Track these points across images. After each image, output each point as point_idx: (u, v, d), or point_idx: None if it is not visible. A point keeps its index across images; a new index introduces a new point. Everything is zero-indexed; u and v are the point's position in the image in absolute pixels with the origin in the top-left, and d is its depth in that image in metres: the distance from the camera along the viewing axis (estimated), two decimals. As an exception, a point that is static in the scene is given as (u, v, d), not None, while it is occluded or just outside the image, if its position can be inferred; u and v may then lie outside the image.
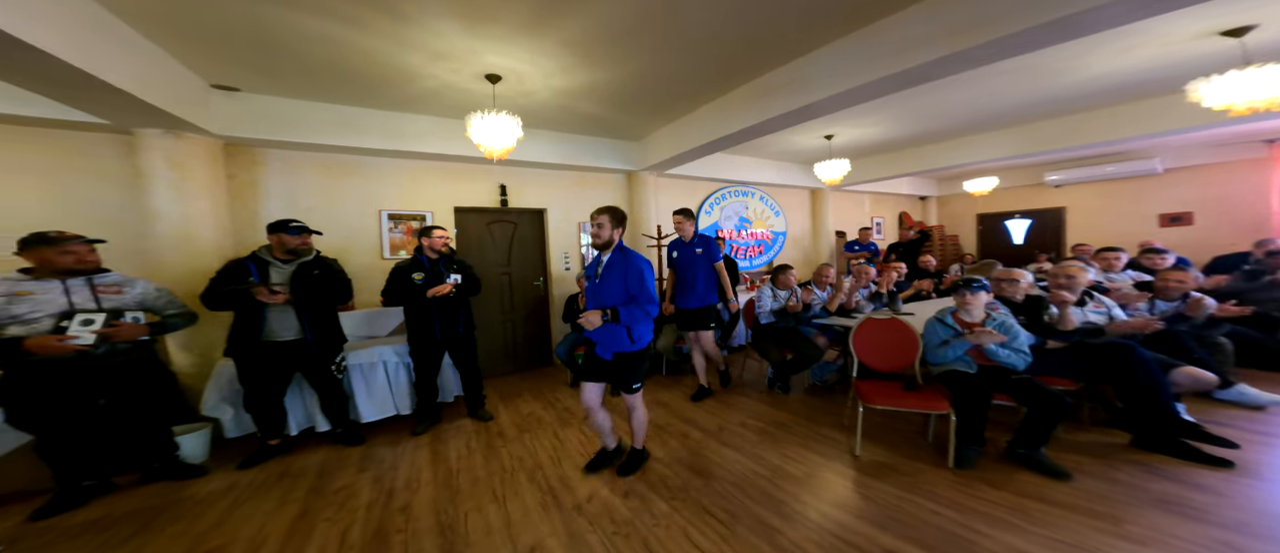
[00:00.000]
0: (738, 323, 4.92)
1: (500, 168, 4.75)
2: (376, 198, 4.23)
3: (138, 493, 2.51)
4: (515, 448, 3.00)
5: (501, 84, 3.38)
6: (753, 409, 3.53)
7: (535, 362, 5.15)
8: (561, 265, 5.25)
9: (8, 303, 2.19)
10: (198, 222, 3.26)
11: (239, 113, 3.41)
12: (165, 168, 3.13)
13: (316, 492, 2.48)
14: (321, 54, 2.86)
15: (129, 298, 2.47)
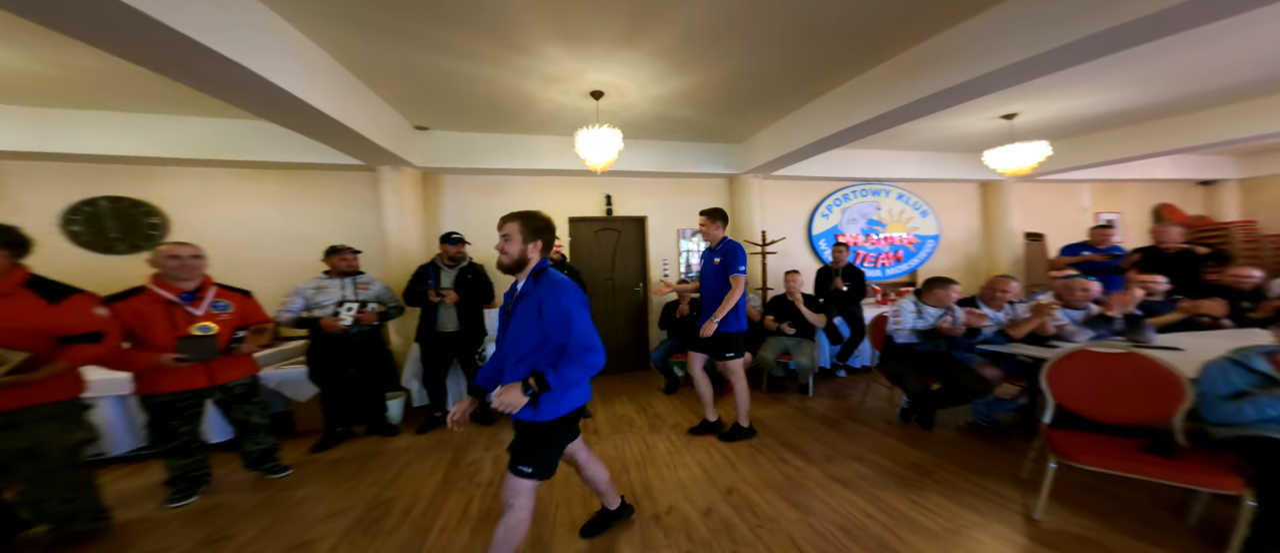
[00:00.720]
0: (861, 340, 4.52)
1: (606, 178, 5.00)
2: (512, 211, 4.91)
3: (361, 442, 3.32)
4: (605, 447, 3.08)
5: (604, 99, 3.55)
6: (875, 443, 2.99)
7: (633, 365, 5.29)
8: (660, 272, 5.32)
9: (315, 293, 3.10)
10: (409, 235, 4.24)
11: (430, 147, 4.28)
12: (392, 194, 4.14)
13: (455, 464, 2.93)
14: (475, 92, 3.39)
15: (371, 293, 3.27)
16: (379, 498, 2.51)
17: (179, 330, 2.35)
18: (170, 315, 2.35)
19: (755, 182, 5.29)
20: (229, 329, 2.50)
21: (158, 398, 2.36)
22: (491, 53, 2.83)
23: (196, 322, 2.40)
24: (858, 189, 5.90)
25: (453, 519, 2.30)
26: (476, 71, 3.07)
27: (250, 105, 2.60)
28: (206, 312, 2.45)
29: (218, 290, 2.56)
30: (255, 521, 2.31)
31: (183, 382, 2.37)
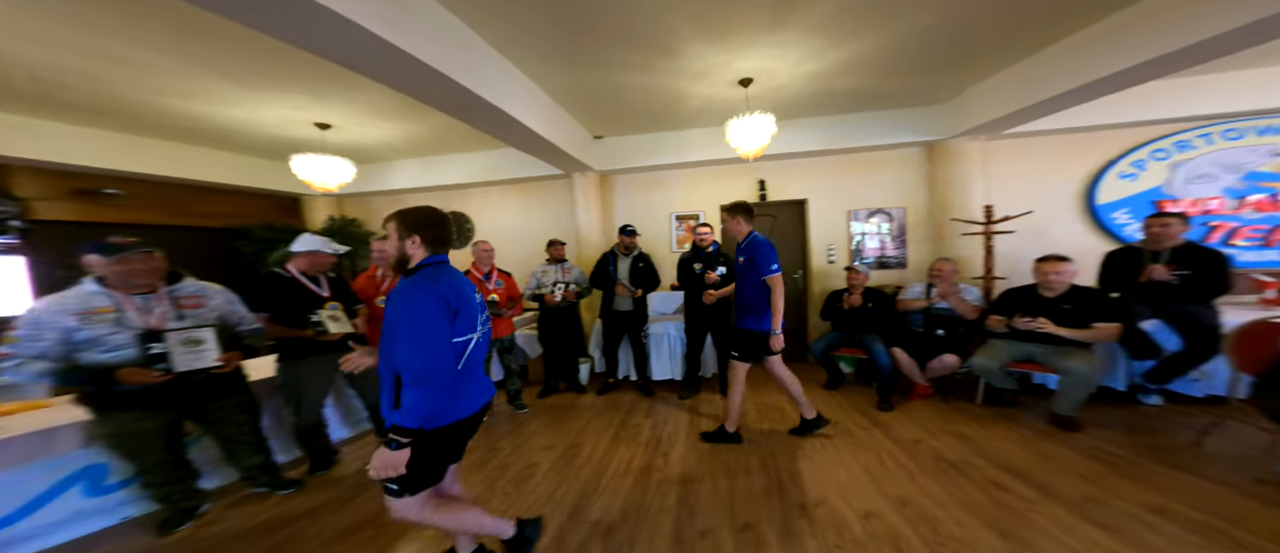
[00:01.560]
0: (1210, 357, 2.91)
1: (760, 164, 4.72)
2: (668, 203, 5.15)
3: (563, 396, 4.14)
4: (752, 433, 3.09)
5: (754, 85, 3.44)
6: (1209, 498, 2.08)
7: (788, 356, 4.89)
8: (824, 258, 4.86)
9: (542, 275, 3.97)
10: (593, 229, 5.00)
11: (605, 153, 4.89)
12: (581, 196, 4.95)
13: (623, 424, 3.39)
14: (634, 99, 3.74)
15: (572, 276, 4.02)
16: (574, 441, 3.12)
17: (486, 296, 3.34)
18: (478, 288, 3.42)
19: (974, 146, 4.30)
20: (503, 299, 3.48)
21: None
22: (645, 61, 3.07)
23: (489, 293, 3.40)
24: (1216, 129, 4.00)
25: (620, 468, 2.71)
26: (635, 80, 3.38)
27: (502, 135, 3.48)
28: (493, 286, 3.49)
29: (497, 272, 3.59)
30: (509, 441, 3.16)
31: None
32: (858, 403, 3.54)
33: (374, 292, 3.07)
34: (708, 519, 2.16)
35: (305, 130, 4.00)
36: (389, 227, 1.53)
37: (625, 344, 4.25)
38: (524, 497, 2.46)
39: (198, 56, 2.72)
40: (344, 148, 4.51)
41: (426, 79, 2.42)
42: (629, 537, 2.06)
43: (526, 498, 2.45)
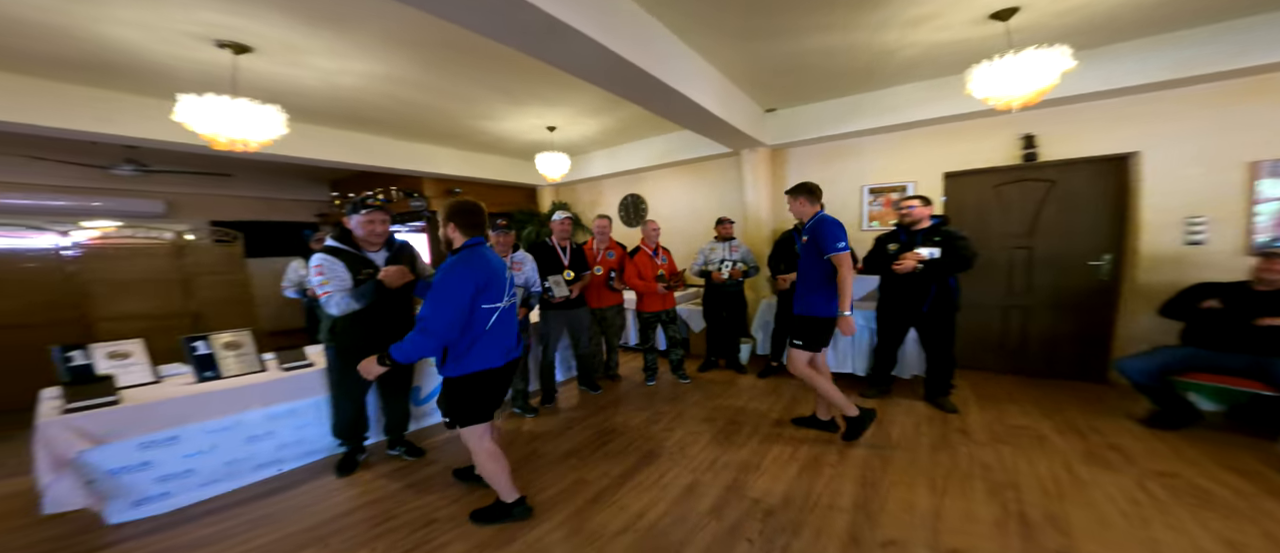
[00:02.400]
0: None
1: (1025, 115, 3.50)
2: (859, 174, 4.45)
3: (722, 372, 4.09)
4: (983, 454, 2.45)
5: (1020, 14, 2.62)
6: None
7: (1068, 371, 3.64)
8: (1179, 237, 3.23)
9: (709, 252, 3.91)
10: (762, 206, 4.75)
11: (777, 126, 4.55)
12: (749, 173, 4.72)
13: (788, 410, 3.13)
14: (821, 65, 3.35)
15: (740, 254, 3.91)
16: (733, 419, 3.04)
17: (655, 272, 3.58)
18: (652, 263, 3.62)
19: None
20: (667, 273, 3.69)
21: (645, 314, 3.71)
22: (842, 19, 2.68)
23: (659, 269, 3.60)
24: None
25: (783, 454, 2.52)
26: (824, 42, 2.99)
27: (680, 118, 3.58)
28: (657, 261, 3.68)
29: (662, 248, 3.78)
30: (670, 408, 3.26)
31: (656, 305, 3.63)
32: (1220, 457, 2.32)
33: (590, 261, 3.54)
34: (897, 531, 1.84)
35: (540, 133, 4.84)
36: (441, 217, 1.88)
37: None
38: (687, 460, 2.49)
39: (488, 82, 3.43)
40: (562, 145, 5.32)
41: (627, 76, 2.61)
42: (792, 523, 1.91)
43: (690, 462, 2.47)
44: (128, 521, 2.00)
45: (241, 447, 2.26)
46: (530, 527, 1.90)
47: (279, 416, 2.37)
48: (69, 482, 1.85)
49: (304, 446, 2.47)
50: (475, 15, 1.87)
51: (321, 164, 4.49)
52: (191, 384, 2.27)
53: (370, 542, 1.80)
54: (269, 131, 2.70)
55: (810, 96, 4.19)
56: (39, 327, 3.58)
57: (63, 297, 3.83)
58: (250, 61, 2.74)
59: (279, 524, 1.93)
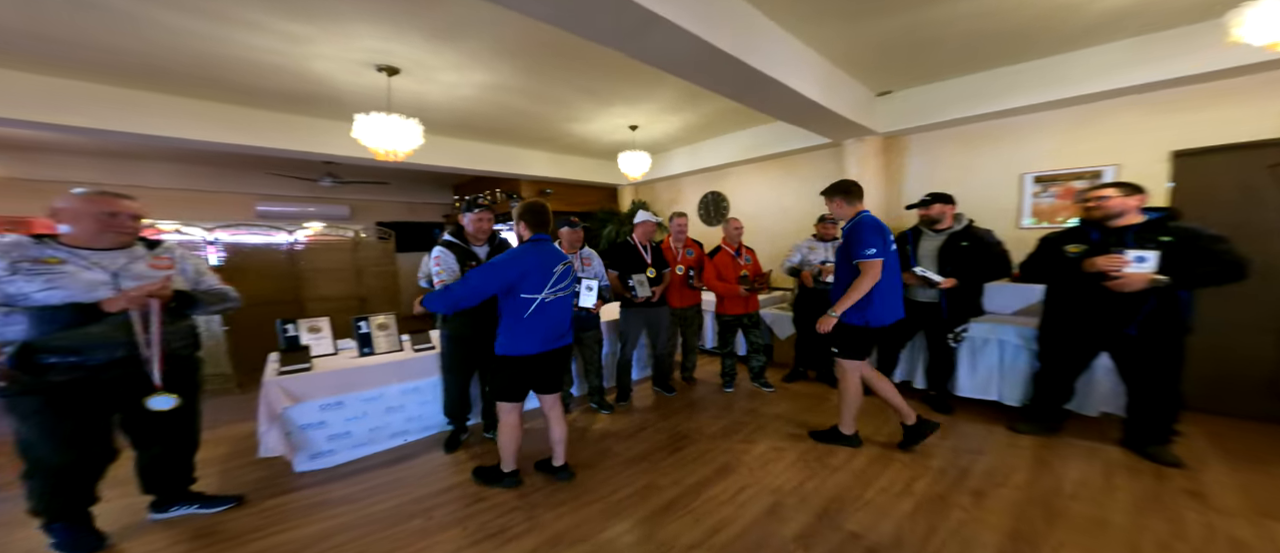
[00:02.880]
0: None
1: None
2: (1017, 160, 3.60)
3: (813, 385, 3.68)
4: (1237, 529, 1.79)
5: None
6: None
7: None
8: None
9: (808, 251, 3.53)
10: (870, 202, 3.99)
11: (893, 111, 3.98)
12: (855, 165, 4.21)
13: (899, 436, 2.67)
14: (960, 31, 2.81)
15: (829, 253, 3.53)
16: (797, 428, 2.75)
17: (737, 273, 3.36)
18: (733, 263, 3.41)
19: None
20: (751, 274, 3.44)
21: (726, 317, 3.48)
22: None
23: (741, 270, 3.38)
24: None
25: (894, 486, 2.17)
26: (972, 6, 2.51)
27: (774, 109, 3.35)
28: (741, 261, 3.44)
29: (746, 248, 3.54)
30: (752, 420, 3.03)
31: (735, 308, 3.41)
32: None
33: (670, 260, 3.48)
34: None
35: (623, 133, 4.93)
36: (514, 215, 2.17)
37: (917, 344, 3.36)
38: (768, 478, 2.28)
39: (577, 84, 3.58)
40: (644, 144, 5.37)
41: (720, 67, 2.49)
42: (903, 570, 1.60)
43: (771, 480, 2.26)
44: (306, 471, 2.42)
45: (382, 416, 2.67)
46: (603, 526, 1.91)
47: (408, 391, 2.75)
48: (277, 432, 2.32)
49: (423, 420, 2.83)
50: (574, 16, 1.91)
51: (445, 170, 5.20)
52: (355, 358, 2.75)
53: (463, 520, 1.96)
54: (411, 142, 3.19)
55: (941, 73, 3.56)
56: (275, 303, 4.71)
57: (288, 281, 5.01)
58: (399, 82, 3.24)
59: (397, 491, 2.22)
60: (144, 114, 3.38)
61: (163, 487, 2.00)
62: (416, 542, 1.83)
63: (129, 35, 2.53)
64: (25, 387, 1.55)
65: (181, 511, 2.04)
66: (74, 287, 1.58)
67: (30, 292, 1.53)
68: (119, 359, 1.64)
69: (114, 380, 1.67)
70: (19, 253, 1.56)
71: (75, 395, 1.62)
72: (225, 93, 3.43)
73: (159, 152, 5.35)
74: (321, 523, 1.96)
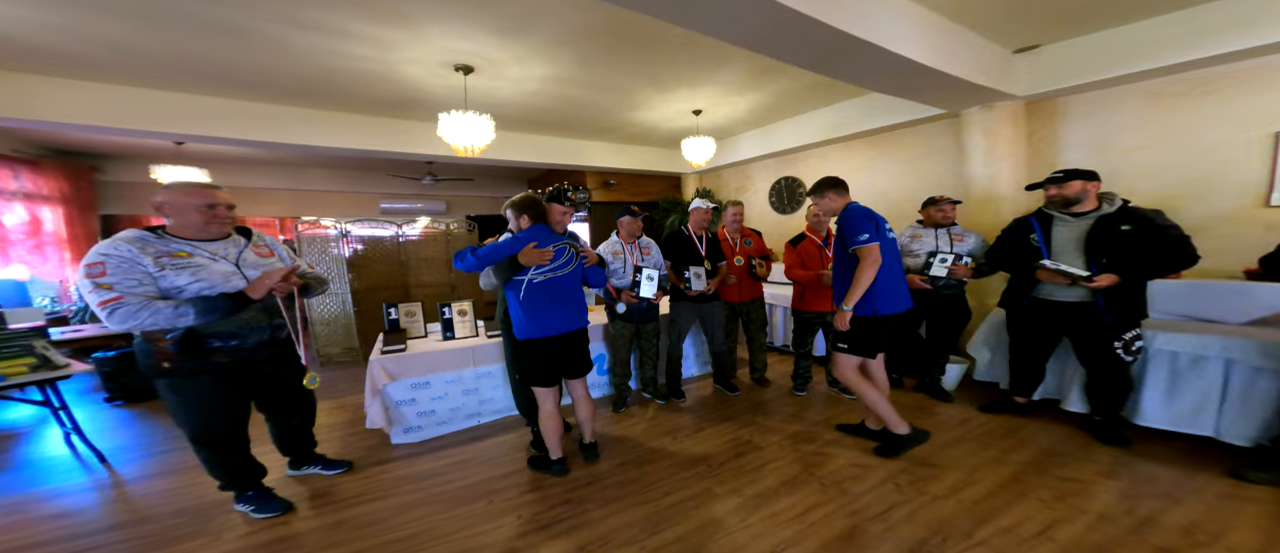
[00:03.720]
0: None
1: None
2: (1266, 115, 2.62)
3: (908, 394, 3.18)
4: None
5: None
6: None
7: None
8: None
9: (909, 241, 3.06)
10: (1001, 181, 3.47)
11: (1039, 69, 3.21)
12: (980, 137, 3.51)
13: (1037, 467, 2.17)
14: None
15: (966, 246, 2.92)
16: (927, 458, 2.30)
17: (824, 263, 2.98)
18: (819, 253, 3.03)
19: None
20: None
21: (805, 314, 3.12)
22: None
23: (828, 262, 2.97)
24: None
25: (1028, 526, 1.77)
26: None
27: (869, 80, 2.91)
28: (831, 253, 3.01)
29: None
30: (817, 432, 2.71)
31: (817, 305, 3.03)
32: None
33: (726, 253, 3.23)
34: None
35: (686, 119, 4.72)
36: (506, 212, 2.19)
37: (1063, 353, 2.69)
38: (847, 498, 1.99)
39: (637, 69, 3.46)
40: (708, 129, 5.12)
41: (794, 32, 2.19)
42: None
43: (850, 501, 1.97)
44: (399, 444, 2.63)
45: (460, 398, 2.86)
46: (653, 531, 1.81)
47: (483, 375, 2.91)
48: (378, 406, 2.57)
49: (494, 404, 2.97)
50: None
51: (518, 165, 5.49)
52: (440, 341, 2.98)
53: (518, 508, 2.00)
54: (485, 137, 3.36)
55: (1114, 19, 2.79)
56: (387, 288, 5.41)
57: (397, 269, 5.67)
58: (473, 80, 3.40)
59: (468, 471, 2.33)
60: (291, 126, 4.02)
61: (297, 450, 2.33)
62: (477, 525, 1.90)
63: (273, 56, 2.94)
64: (191, 370, 1.73)
65: (310, 470, 2.36)
66: (213, 277, 1.73)
67: (182, 284, 1.67)
68: (267, 340, 1.89)
69: (264, 360, 1.91)
70: (155, 248, 1.67)
71: (236, 375, 1.84)
72: (344, 102, 3.90)
73: (311, 159, 6.38)
74: (404, 496, 2.14)
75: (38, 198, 4.79)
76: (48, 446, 2.77)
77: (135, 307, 1.57)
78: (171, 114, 3.57)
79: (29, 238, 4.65)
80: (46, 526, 1.96)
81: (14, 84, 3.12)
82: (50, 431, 2.88)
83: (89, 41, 2.69)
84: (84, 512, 2.07)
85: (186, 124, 3.65)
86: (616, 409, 3.05)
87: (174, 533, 1.88)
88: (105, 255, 1.60)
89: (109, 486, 2.31)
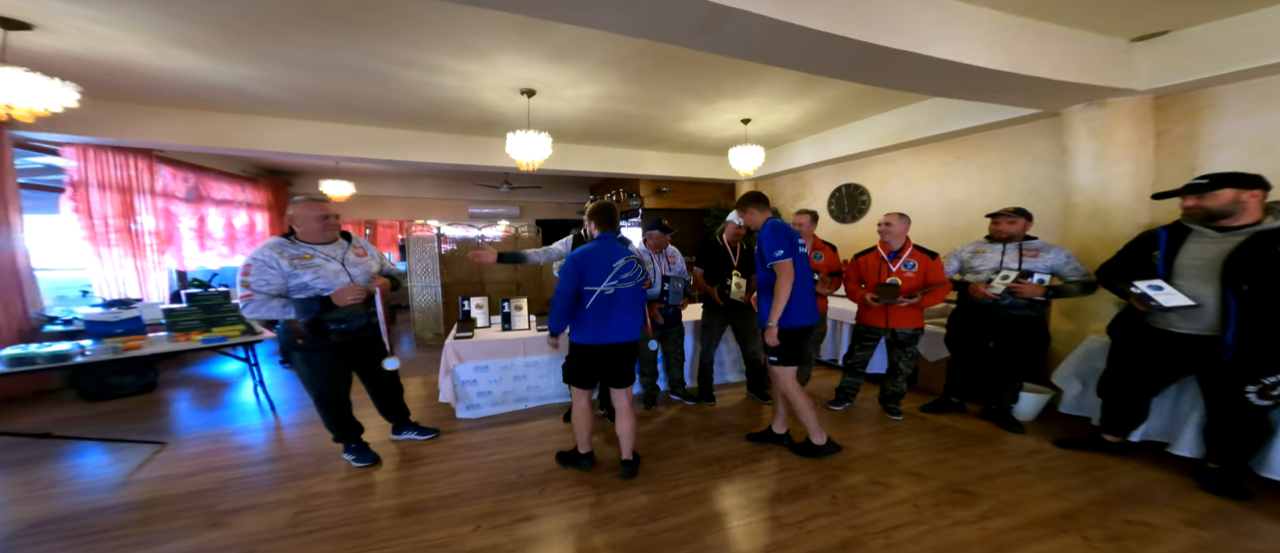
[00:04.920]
0: None
1: None
2: None
3: (971, 421, 2.94)
4: None
5: None
6: None
7: None
8: None
9: (971, 256, 2.84)
10: (1114, 188, 3.01)
11: (1170, 57, 2.76)
12: (1087, 139, 3.09)
13: (1100, 507, 1.94)
14: None
15: (1042, 262, 2.62)
16: (965, 484, 2.16)
17: (881, 279, 2.87)
18: (880, 268, 2.91)
19: None
20: (908, 284, 2.80)
21: (858, 327, 3.05)
22: None
23: (891, 275, 2.85)
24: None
25: None
26: None
27: (920, 85, 2.77)
28: (898, 268, 2.85)
29: (913, 251, 2.88)
30: (868, 445, 2.64)
31: (872, 319, 2.93)
32: None
33: None
34: None
35: (735, 128, 4.78)
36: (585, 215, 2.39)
37: (1180, 390, 2.33)
38: (855, 511, 1.97)
39: (677, 85, 3.65)
40: (759, 137, 5.11)
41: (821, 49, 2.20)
42: None
43: (857, 515, 1.95)
44: (462, 418, 3.05)
45: (511, 383, 3.25)
46: (653, 518, 1.96)
47: (531, 364, 3.28)
48: (449, 383, 3.00)
49: (540, 391, 3.32)
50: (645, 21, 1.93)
51: (578, 174, 5.98)
52: (499, 332, 3.40)
53: (542, 484, 2.24)
54: (543, 153, 3.80)
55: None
56: (468, 283, 6.24)
57: (476, 267, 6.45)
58: (535, 102, 3.84)
59: (507, 448, 2.65)
60: (405, 145, 4.85)
61: (396, 418, 2.81)
62: (507, 494, 2.19)
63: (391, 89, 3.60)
64: (316, 345, 2.21)
65: (407, 435, 2.84)
66: (327, 275, 2.18)
67: (309, 281, 2.12)
68: (365, 325, 2.38)
69: (366, 341, 2.38)
70: (289, 252, 2.12)
71: (345, 351, 2.30)
72: (441, 124, 4.62)
73: (419, 172, 7.55)
74: (456, 462, 2.53)
75: (255, 206, 6.32)
76: (243, 393, 3.72)
77: (259, 303, 2.07)
78: (331, 140, 4.56)
79: (247, 236, 6.14)
80: (234, 453, 2.67)
81: (247, 124, 4.25)
82: (245, 382, 3.85)
83: (288, 89, 3.60)
84: (257, 447, 2.77)
85: (340, 148, 4.64)
86: (647, 407, 3.24)
87: (302, 470, 2.44)
88: (252, 260, 2.08)
89: (274, 428, 3.05)
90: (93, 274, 4.19)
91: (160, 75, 3.22)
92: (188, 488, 2.25)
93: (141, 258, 4.50)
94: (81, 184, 4.05)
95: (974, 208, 3.97)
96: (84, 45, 2.75)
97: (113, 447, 2.70)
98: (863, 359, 3.10)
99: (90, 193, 4.10)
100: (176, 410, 3.39)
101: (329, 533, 1.87)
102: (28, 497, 2.18)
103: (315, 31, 2.62)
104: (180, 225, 5.01)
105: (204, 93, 3.61)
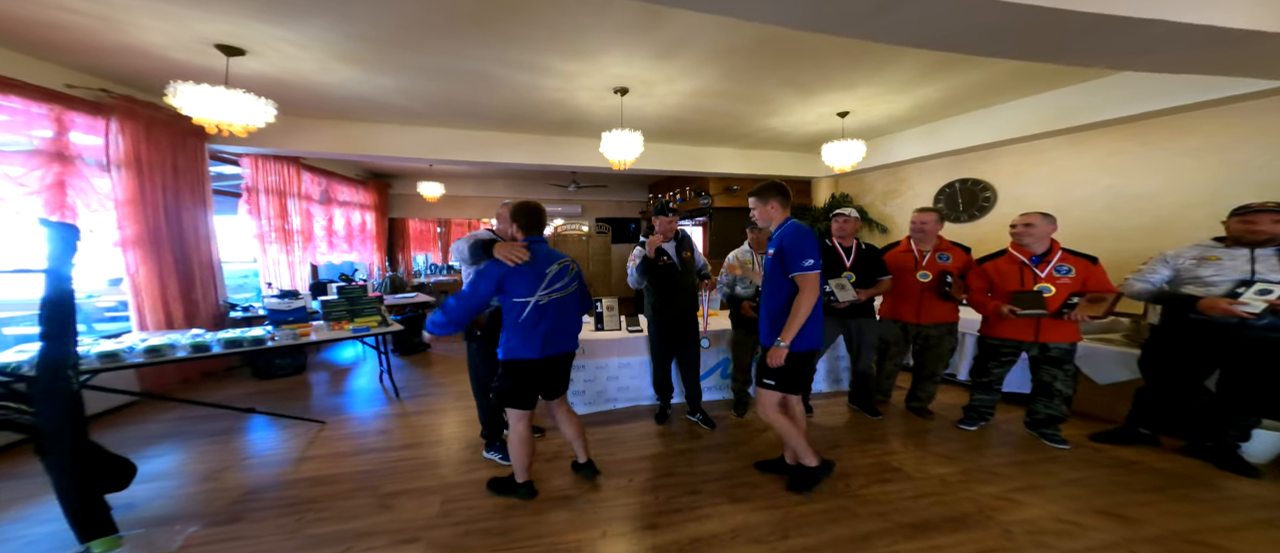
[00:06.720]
0: None
1: None
2: None
3: (1175, 458, 2.49)
4: None
5: None
6: None
7: None
8: None
9: (1196, 265, 2.34)
10: None
11: None
12: None
13: None
14: None
15: None
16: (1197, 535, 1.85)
17: (1026, 288, 2.54)
18: (1021, 274, 2.59)
19: None
20: (1064, 292, 2.48)
21: (990, 340, 2.74)
22: None
23: (1039, 282, 2.54)
24: None
25: None
26: None
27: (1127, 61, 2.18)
28: (1048, 274, 2.53)
29: (1063, 255, 2.55)
30: (1016, 471, 2.36)
31: (1012, 331, 2.61)
32: None
33: (911, 263, 2.97)
34: None
35: (827, 122, 4.52)
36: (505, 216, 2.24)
37: None
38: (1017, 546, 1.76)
39: (782, 78, 3.47)
40: (854, 130, 4.78)
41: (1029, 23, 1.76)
42: None
43: None
44: None
45: (604, 383, 3.27)
46: (652, 526, 1.84)
47: (623, 365, 3.28)
48: None
49: (630, 392, 3.33)
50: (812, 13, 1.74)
51: (648, 172, 6.00)
52: (593, 331, 3.40)
53: (651, 490, 2.22)
54: (635, 152, 3.82)
55: None
56: None
57: (543, 264, 6.81)
58: (628, 100, 3.83)
59: (610, 448, 2.66)
60: (492, 147, 5.06)
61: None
62: (618, 498, 2.17)
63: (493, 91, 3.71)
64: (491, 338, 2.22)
65: None
66: None
67: None
68: None
69: None
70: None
71: None
72: (530, 125, 4.78)
73: (494, 172, 7.99)
74: (553, 456, 2.58)
75: (366, 207, 6.98)
76: (367, 378, 4.14)
77: None
78: (435, 144, 4.88)
79: (361, 233, 6.82)
80: (379, 436, 2.93)
81: (371, 131, 4.65)
82: (367, 367, 4.24)
83: (415, 98, 3.88)
84: (390, 431, 3.00)
85: (442, 151, 4.93)
86: (738, 414, 3.16)
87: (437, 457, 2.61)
88: None
89: (401, 414, 3.30)
90: (260, 268, 4.85)
91: (318, 89, 3.59)
92: (353, 468, 2.50)
93: (291, 254, 5.13)
94: (254, 189, 4.69)
95: (1165, 204, 3.40)
96: (278, 66, 3.10)
97: (286, 424, 3.10)
98: (1000, 376, 2.76)
99: (259, 197, 4.74)
100: (320, 393, 3.84)
101: (475, 527, 1.95)
102: (238, 464, 2.55)
103: (449, 36, 2.72)
104: (315, 224, 5.68)
105: (345, 104, 3.99)
